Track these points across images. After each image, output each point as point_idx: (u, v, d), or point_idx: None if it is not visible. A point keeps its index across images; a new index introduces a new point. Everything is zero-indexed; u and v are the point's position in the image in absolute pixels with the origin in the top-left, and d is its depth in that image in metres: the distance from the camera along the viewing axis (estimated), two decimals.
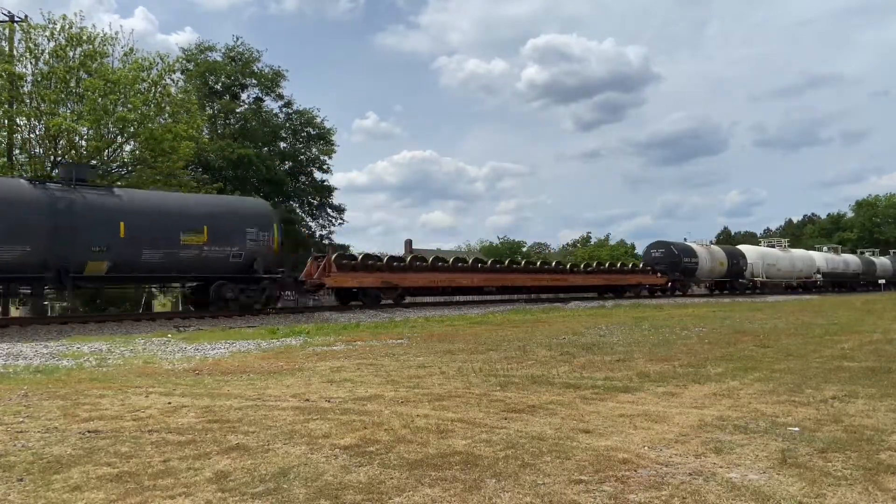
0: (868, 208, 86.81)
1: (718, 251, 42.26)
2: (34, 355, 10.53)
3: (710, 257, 40.75)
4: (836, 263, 53.14)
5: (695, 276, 39.34)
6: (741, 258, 43.29)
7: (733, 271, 42.18)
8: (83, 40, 24.69)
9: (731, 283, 42.69)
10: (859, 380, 7.34)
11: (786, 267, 46.81)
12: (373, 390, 6.87)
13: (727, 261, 41.89)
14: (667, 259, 38.27)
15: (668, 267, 37.57)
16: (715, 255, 41.35)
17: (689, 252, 39.52)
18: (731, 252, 43.42)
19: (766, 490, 3.63)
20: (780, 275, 46.20)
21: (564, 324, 16.88)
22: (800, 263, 48.87)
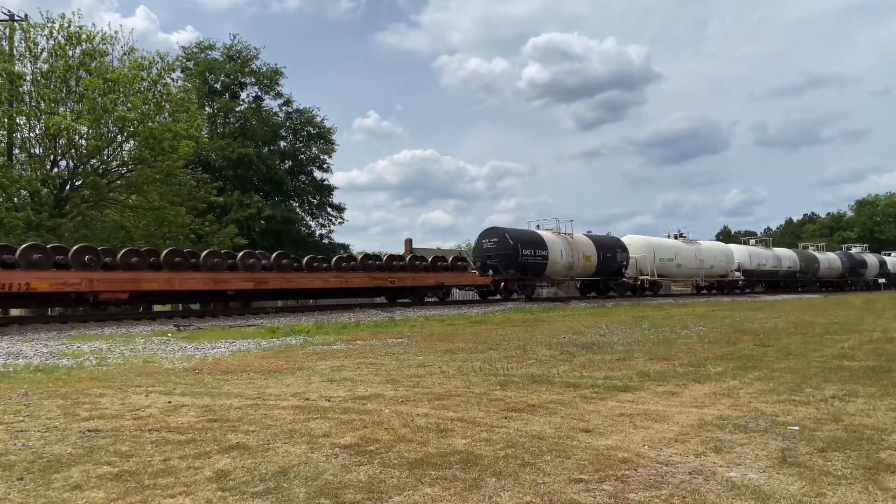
0: (868, 207, 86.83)
1: (584, 241, 32.40)
2: (34, 354, 10.53)
3: (569, 250, 30.80)
4: (764, 259, 45.02)
5: (544, 273, 29.88)
6: (619, 251, 33.59)
7: (607, 268, 32.59)
8: (82, 39, 24.71)
9: (605, 283, 33.14)
10: (859, 379, 7.34)
11: (689, 263, 37.96)
12: (373, 389, 6.87)
13: (597, 254, 32.09)
14: (500, 251, 28.47)
15: (503, 262, 28.12)
16: (577, 246, 31.39)
17: (533, 242, 29.45)
18: (603, 243, 33.40)
19: (766, 489, 3.63)
20: (680, 272, 37.94)
21: (564, 323, 16.88)
22: (710, 259, 39.76)
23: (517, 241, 28.74)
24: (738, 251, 43.33)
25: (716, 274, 40.40)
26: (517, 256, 28.34)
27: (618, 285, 33.48)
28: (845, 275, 52.68)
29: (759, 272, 44.37)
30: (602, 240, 34.24)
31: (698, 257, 38.79)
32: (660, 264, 35.91)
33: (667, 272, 36.83)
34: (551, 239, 30.70)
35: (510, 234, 29.06)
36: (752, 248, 45.15)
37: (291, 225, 39.99)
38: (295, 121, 43.21)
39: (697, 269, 38.73)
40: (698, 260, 38.75)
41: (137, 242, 23.05)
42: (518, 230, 30.16)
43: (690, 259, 38.30)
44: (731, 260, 41.52)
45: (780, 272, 46.15)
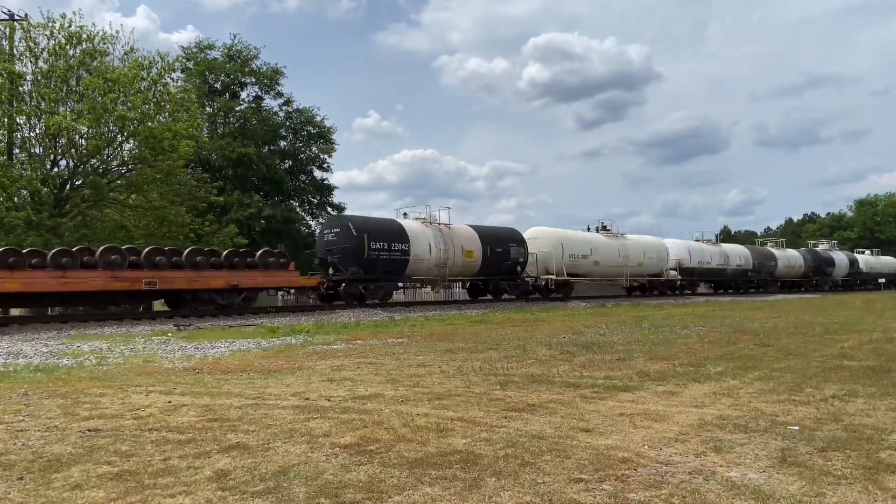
0: (868, 207, 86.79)
1: (465, 233, 26.17)
2: (34, 354, 10.53)
3: (441, 243, 24.90)
4: (708, 256, 39.72)
5: (404, 273, 24.20)
6: (513, 245, 27.76)
7: (497, 266, 26.85)
8: (83, 39, 24.72)
9: (495, 285, 27.49)
10: (859, 379, 7.34)
11: (610, 260, 32.65)
12: (373, 389, 6.87)
13: (482, 249, 26.18)
14: (342, 244, 22.74)
15: (345, 258, 22.54)
16: (454, 239, 25.51)
17: (387, 233, 23.56)
18: (492, 235, 27.40)
19: (766, 489, 3.63)
20: (599, 271, 32.50)
21: (564, 323, 16.88)
22: (637, 255, 34.18)
23: (363, 232, 22.69)
24: (676, 247, 38.32)
25: (647, 273, 35.25)
26: (363, 251, 22.41)
27: (513, 286, 27.79)
28: (808, 274, 48.78)
29: (702, 271, 39.40)
30: (491, 231, 28.09)
31: (623, 253, 33.30)
32: (571, 262, 30.32)
33: (581, 270, 31.27)
34: (416, 229, 24.51)
35: (355, 223, 23.22)
36: (692, 244, 39.90)
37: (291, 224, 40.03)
38: (295, 120, 43.26)
39: (621, 266, 33.19)
40: (622, 256, 33.24)
41: (138, 242, 23.05)
42: (368, 218, 24.59)
43: (612, 255, 32.81)
44: (665, 257, 36.32)
45: (727, 270, 41.20)
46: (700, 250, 39.63)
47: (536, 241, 29.72)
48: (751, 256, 43.16)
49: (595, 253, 31.94)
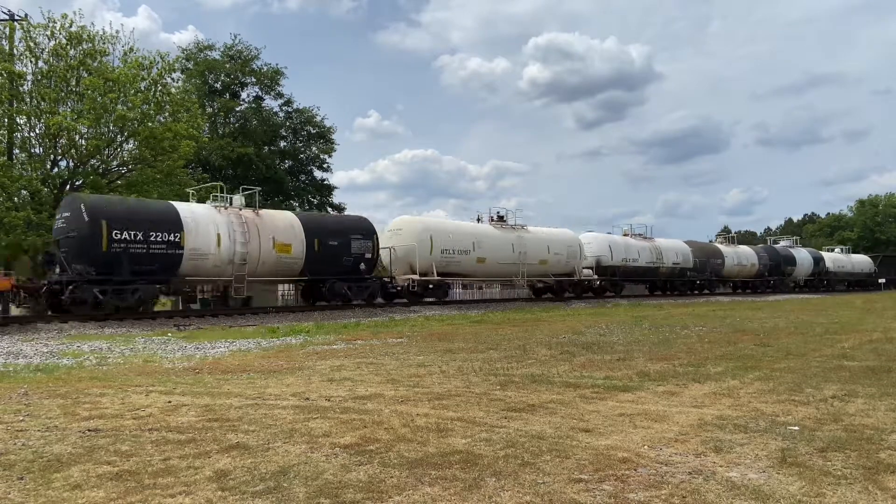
0: (869, 207, 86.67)
1: (282, 222, 20.59)
2: (34, 354, 10.54)
3: (240, 233, 19.22)
4: (635, 252, 34.08)
5: (177, 272, 18.12)
6: (356, 238, 21.92)
7: (327, 263, 21.07)
8: (83, 39, 24.72)
9: (331, 287, 21.20)
10: (859, 379, 7.34)
11: (502, 256, 27.02)
12: (373, 389, 6.87)
13: (304, 242, 20.49)
14: (70, 233, 17.06)
15: (73, 251, 16.86)
16: (262, 228, 19.72)
17: (140, 219, 17.59)
18: (320, 225, 21.82)
19: (766, 489, 3.63)
20: (485, 270, 26.98)
21: (565, 323, 16.88)
22: (539, 251, 28.68)
23: (99, 217, 16.75)
24: (596, 242, 32.67)
25: (553, 272, 29.83)
26: (98, 242, 16.59)
27: (358, 290, 21.96)
28: (764, 273, 44.06)
29: (627, 269, 33.59)
30: (322, 220, 23.11)
31: (519, 249, 27.62)
32: (444, 259, 24.72)
33: (460, 269, 25.65)
34: (199, 215, 18.76)
35: (90, 205, 17.01)
36: (615, 238, 34.23)
37: None
38: (295, 120, 43.26)
39: (515, 264, 27.49)
40: (518, 252, 27.56)
41: None
42: (117, 199, 18.98)
43: (503, 251, 27.09)
44: (578, 253, 30.75)
45: (661, 269, 35.65)
46: (625, 246, 33.87)
47: (399, 233, 24.49)
48: (691, 254, 37.90)
49: (479, 248, 26.11)
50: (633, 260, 33.96)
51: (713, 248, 41.36)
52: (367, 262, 22.50)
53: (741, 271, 42.46)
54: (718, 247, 41.80)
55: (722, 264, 40.49)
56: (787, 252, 47.46)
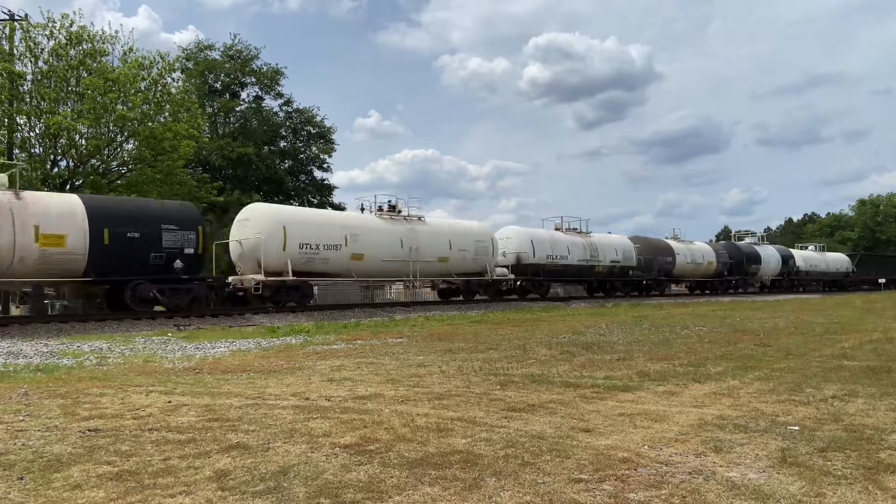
0: (870, 207, 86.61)
1: (55, 206, 16.52)
2: (34, 354, 10.53)
3: None
4: (563, 249, 30.01)
5: None
6: (167, 228, 18.05)
7: (124, 260, 17.10)
8: (83, 39, 24.72)
9: (133, 290, 17.26)
10: (859, 379, 7.34)
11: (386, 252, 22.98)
12: (373, 389, 6.87)
13: (87, 233, 16.49)
14: None
15: None
16: (23, 216, 15.78)
17: None
18: (115, 211, 17.70)
19: (766, 489, 3.63)
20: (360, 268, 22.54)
21: (565, 323, 16.88)
22: (438, 247, 24.70)
23: None
24: (515, 237, 28.69)
25: (457, 271, 25.83)
26: None
27: (171, 292, 18.07)
28: (724, 273, 40.59)
29: (553, 268, 29.35)
30: (121, 206, 18.41)
31: (411, 244, 23.58)
32: (305, 255, 20.62)
33: (327, 268, 21.47)
34: None
35: None
36: (539, 233, 29.92)
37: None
38: (295, 120, 43.28)
39: (405, 262, 23.38)
40: (409, 248, 23.52)
41: None
42: None
43: (390, 246, 23.11)
44: (491, 249, 26.92)
45: (597, 268, 31.86)
46: (551, 241, 29.48)
47: (246, 224, 20.58)
48: (635, 251, 33.88)
49: (355, 242, 21.99)
50: (561, 257, 29.75)
51: (662, 244, 37.08)
52: (188, 259, 18.21)
53: (696, 270, 38.68)
54: (669, 243, 37.35)
55: (672, 262, 36.34)
56: (751, 249, 43.45)
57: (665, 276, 36.91)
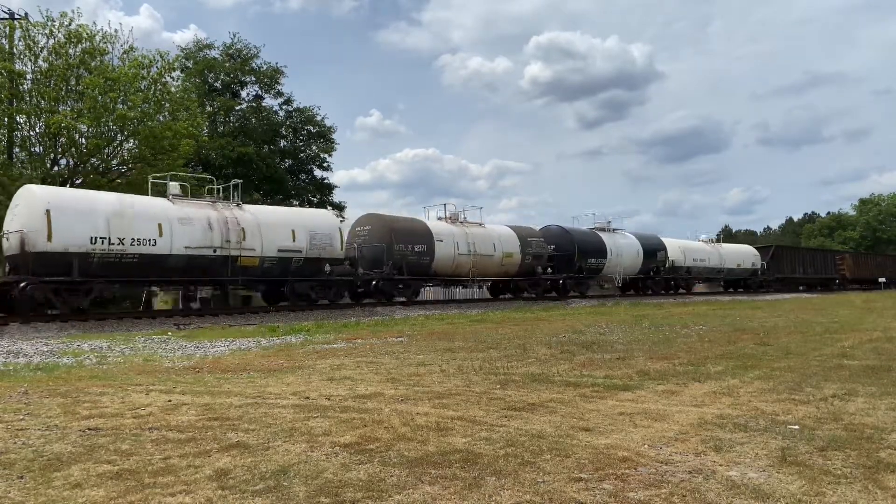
0: (871, 206, 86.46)
1: None
2: (34, 353, 10.53)
3: None
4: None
5: None
6: None
7: None
8: (82, 38, 24.70)
9: None
10: (859, 378, 7.34)
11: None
12: (373, 388, 6.87)
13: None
14: None
15: None
16: None
17: None
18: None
19: (766, 488, 3.63)
20: None
21: (564, 322, 16.88)
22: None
23: None
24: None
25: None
26: None
27: None
28: (535, 270, 28.20)
29: None
30: None
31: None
32: None
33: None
34: None
35: None
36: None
37: None
38: (295, 120, 43.26)
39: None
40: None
41: None
42: None
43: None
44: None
45: None
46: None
47: None
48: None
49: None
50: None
51: (414, 227, 24.18)
52: None
53: (488, 266, 25.81)
54: (428, 225, 24.46)
55: (429, 257, 23.63)
56: (590, 238, 31.09)
57: (414, 274, 23.55)
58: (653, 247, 35.14)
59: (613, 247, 32.21)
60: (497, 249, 26.14)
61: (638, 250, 33.95)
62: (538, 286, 28.48)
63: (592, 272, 31.21)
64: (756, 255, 43.53)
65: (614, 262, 32.01)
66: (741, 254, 42.74)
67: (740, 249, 43.79)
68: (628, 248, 33.37)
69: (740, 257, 42.16)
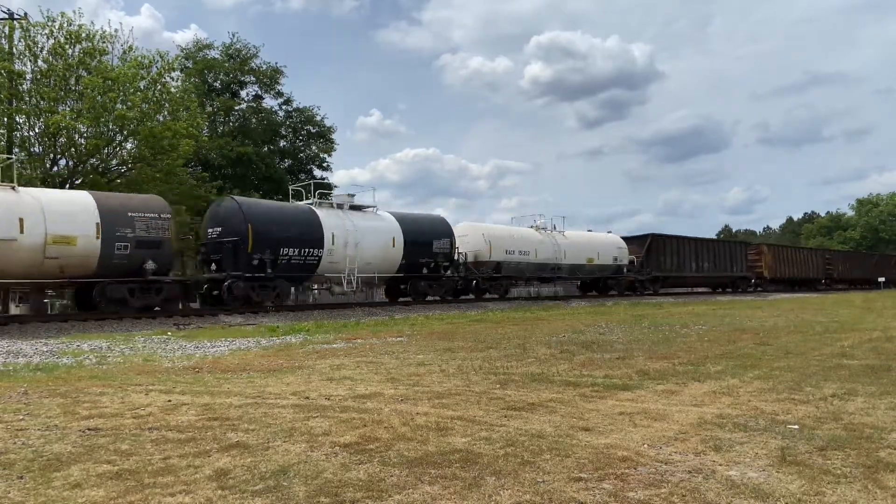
0: (870, 206, 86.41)
1: None
2: (34, 353, 10.53)
3: None
4: None
5: None
6: None
7: None
8: (82, 38, 24.69)
9: None
10: (859, 378, 7.34)
11: None
12: (373, 388, 6.87)
13: None
14: None
15: None
16: None
17: None
18: None
19: (766, 488, 3.63)
20: None
21: (564, 322, 16.88)
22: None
23: None
24: None
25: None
26: None
27: None
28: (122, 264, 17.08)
29: None
30: None
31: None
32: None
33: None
34: None
35: None
36: None
37: None
38: (295, 119, 43.25)
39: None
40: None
41: None
42: None
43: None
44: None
45: None
46: None
47: None
48: None
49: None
50: None
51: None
52: None
53: None
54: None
55: None
56: (285, 216, 20.66)
57: None
58: (425, 233, 24.18)
59: (339, 231, 21.34)
60: None
61: (394, 238, 23.04)
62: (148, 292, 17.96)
63: (293, 268, 20.35)
64: (621, 248, 32.72)
65: (341, 253, 21.28)
66: (596, 245, 31.70)
67: (595, 239, 32.47)
68: (374, 233, 22.56)
69: (593, 249, 31.17)
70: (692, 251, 38.07)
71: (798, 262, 45.91)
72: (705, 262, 38.49)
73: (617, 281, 32.83)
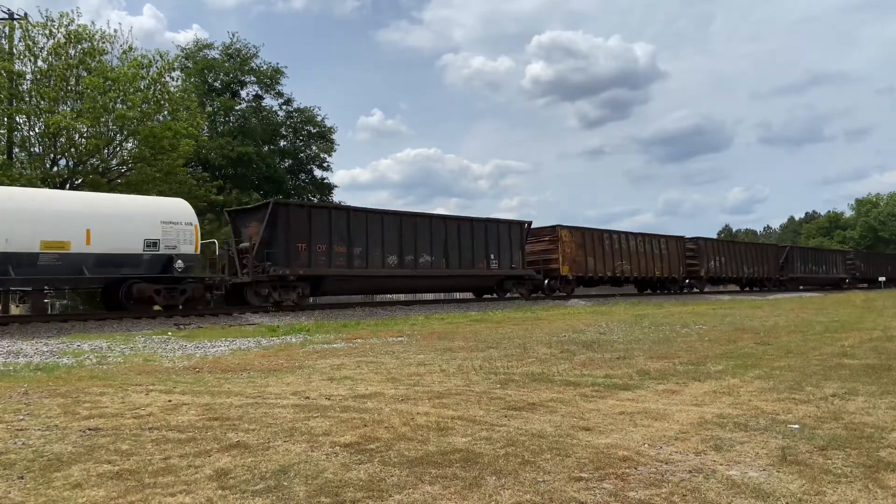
0: (869, 206, 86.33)
1: None
2: (34, 353, 10.53)
3: None
4: None
5: None
6: None
7: None
8: (82, 38, 24.71)
9: None
10: (859, 377, 7.34)
11: None
12: (373, 388, 6.87)
13: None
14: None
15: None
16: None
17: None
18: None
19: (766, 487, 3.63)
20: None
21: (565, 321, 16.88)
22: None
23: None
24: None
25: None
26: None
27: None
28: None
29: None
30: None
31: None
32: None
33: None
34: None
35: None
36: None
37: None
38: (295, 120, 43.26)
39: None
40: None
41: None
42: None
43: None
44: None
45: None
46: None
47: None
48: None
49: None
50: None
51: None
52: None
53: None
54: None
55: None
56: None
57: None
58: None
59: None
60: None
61: None
62: None
63: None
64: (171, 222, 17.87)
65: None
66: None
67: None
68: None
69: None
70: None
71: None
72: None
73: None
